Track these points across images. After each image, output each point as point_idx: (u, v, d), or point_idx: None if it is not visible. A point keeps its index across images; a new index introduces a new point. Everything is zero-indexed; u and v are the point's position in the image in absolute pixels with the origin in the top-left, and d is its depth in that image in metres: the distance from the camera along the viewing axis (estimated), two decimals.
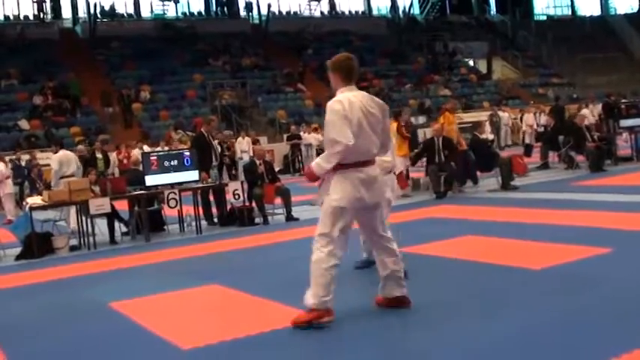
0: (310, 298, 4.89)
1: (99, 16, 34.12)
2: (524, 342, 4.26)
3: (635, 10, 46.49)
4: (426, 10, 42.67)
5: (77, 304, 6.61)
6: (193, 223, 10.95)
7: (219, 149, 12.86)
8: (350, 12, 41.52)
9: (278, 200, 11.45)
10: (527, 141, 22.90)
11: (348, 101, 4.87)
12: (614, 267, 6.01)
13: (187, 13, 37.92)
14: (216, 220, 11.52)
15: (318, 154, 24.08)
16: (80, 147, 14.99)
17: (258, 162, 11.69)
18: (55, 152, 12.81)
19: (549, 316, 4.69)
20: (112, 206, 10.36)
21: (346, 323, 4.99)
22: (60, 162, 12.18)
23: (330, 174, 4.94)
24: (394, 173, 6.94)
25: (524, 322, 4.63)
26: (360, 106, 4.90)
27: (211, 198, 11.64)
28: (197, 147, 11.51)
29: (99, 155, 18.87)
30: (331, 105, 4.91)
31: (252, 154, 15.45)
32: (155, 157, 10.86)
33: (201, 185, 11.04)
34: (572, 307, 4.91)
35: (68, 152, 12.73)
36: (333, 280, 4.90)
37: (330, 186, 4.95)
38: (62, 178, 11.77)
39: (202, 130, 12.17)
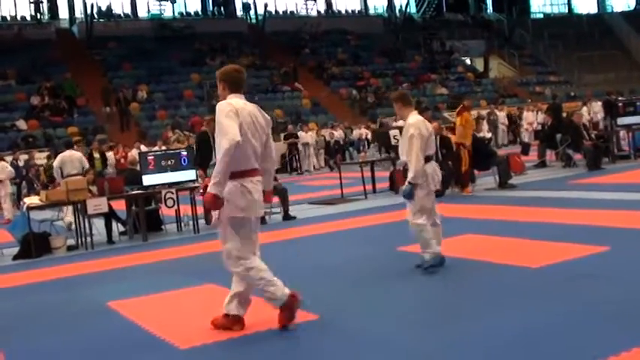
0: (276, 302, 4.84)
1: (96, 16, 34.11)
2: (522, 340, 4.26)
3: (632, 7, 46.57)
4: (422, 9, 42.71)
5: (75, 303, 6.60)
6: (191, 223, 10.93)
7: None
8: (347, 11, 41.55)
9: (275, 199, 11.43)
10: (525, 139, 22.88)
11: (238, 105, 4.84)
12: (612, 265, 6.01)
13: (184, 13, 37.94)
14: None
15: (316, 153, 24.00)
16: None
17: None
18: (62, 152, 12.84)
19: (548, 315, 4.69)
20: (110, 206, 10.35)
21: (342, 323, 4.99)
22: (62, 161, 12.19)
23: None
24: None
25: (523, 321, 4.63)
26: (249, 112, 4.87)
27: None
28: (200, 145, 11.50)
29: (96, 155, 18.85)
30: (220, 106, 4.82)
31: None
32: (152, 157, 10.83)
33: (198, 185, 11.01)
34: (570, 305, 4.90)
35: (75, 152, 12.71)
36: (274, 278, 4.83)
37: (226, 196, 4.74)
38: (69, 176, 11.76)
39: (204, 128, 12.12)
